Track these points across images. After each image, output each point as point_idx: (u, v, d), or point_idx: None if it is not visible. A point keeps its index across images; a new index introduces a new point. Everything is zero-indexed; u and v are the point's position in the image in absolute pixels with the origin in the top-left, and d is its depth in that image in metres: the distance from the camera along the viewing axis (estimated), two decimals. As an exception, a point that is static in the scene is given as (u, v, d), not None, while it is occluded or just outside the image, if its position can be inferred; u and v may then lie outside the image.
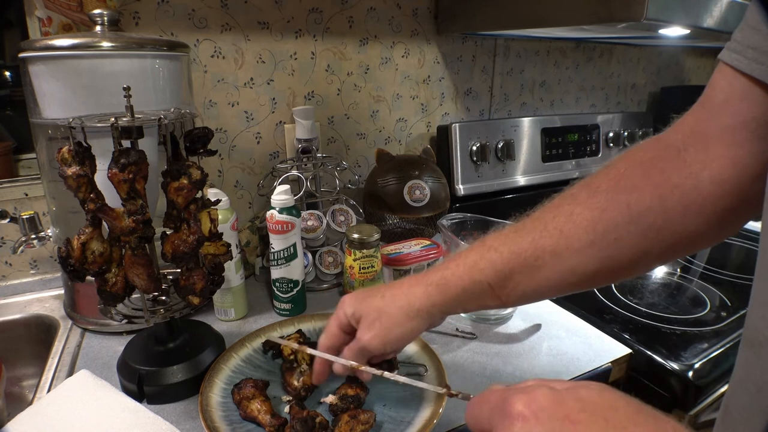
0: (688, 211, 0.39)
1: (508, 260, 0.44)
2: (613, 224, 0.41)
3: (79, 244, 0.50)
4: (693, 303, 0.85)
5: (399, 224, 1.08)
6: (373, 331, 0.48)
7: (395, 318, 0.48)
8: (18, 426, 0.50)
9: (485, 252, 0.45)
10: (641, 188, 0.41)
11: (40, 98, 0.61)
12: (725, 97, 0.38)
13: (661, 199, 0.40)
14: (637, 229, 0.40)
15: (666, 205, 0.40)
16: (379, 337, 0.48)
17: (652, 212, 0.40)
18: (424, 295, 0.48)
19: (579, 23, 0.82)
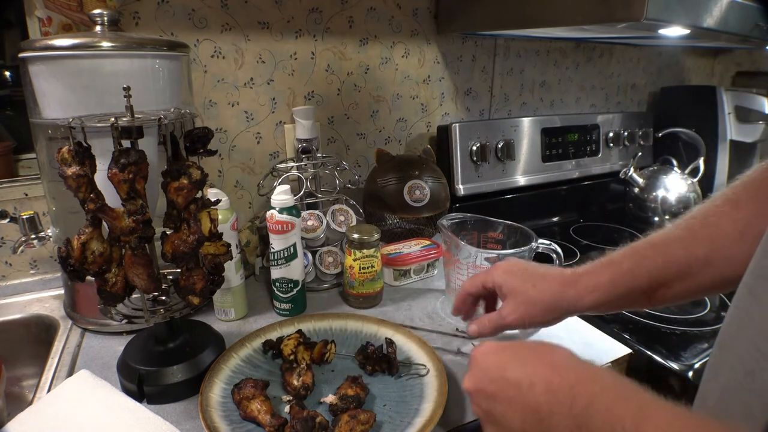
0: None
1: (662, 269, 0.47)
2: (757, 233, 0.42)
3: (79, 244, 0.50)
4: (693, 303, 0.85)
5: (399, 224, 1.08)
6: (517, 314, 0.53)
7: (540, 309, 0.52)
8: (18, 426, 0.50)
9: (640, 260, 0.48)
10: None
11: (40, 98, 0.61)
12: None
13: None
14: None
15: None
16: (520, 320, 0.53)
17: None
18: (574, 299, 0.50)
19: (579, 23, 0.82)
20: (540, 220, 1.29)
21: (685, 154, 1.42)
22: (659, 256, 0.47)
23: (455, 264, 0.75)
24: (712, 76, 1.83)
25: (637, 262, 0.48)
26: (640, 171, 1.27)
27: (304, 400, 0.56)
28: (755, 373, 0.34)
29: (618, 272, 0.49)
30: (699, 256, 0.45)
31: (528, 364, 0.37)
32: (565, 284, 0.51)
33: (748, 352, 0.34)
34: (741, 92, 1.47)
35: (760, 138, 1.46)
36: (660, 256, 0.47)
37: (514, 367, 0.37)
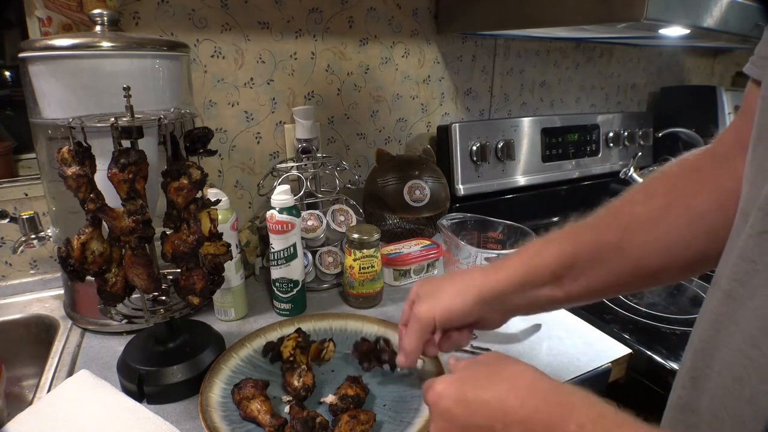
0: None
1: (571, 252, 0.46)
2: (675, 224, 0.43)
3: (79, 244, 0.50)
4: (693, 303, 0.85)
5: (399, 224, 1.08)
6: (425, 305, 0.51)
7: (447, 293, 0.50)
8: (18, 426, 0.50)
9: (547, 244, 0.48)
10: (697, 192, 0.42)
11: (40, 98, 0.61)
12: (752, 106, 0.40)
13: (719, 202, 0.41)
14: (701, 230, 0.42)
15: (725, 208, 0.41)
16: (430, 308, 0.50)
17: (711, 214, 0.42)
18: (480, 276, 0.50)
19: (579, 23, 0.82)
20: (540, 220, 1.29)
21: (685, 154, 1.42)
22: (568, 239, 0.47)
23: (455, 264, 0.75)
24: (712, 76, 1.83)
25: (543, 245, 0.48)
26: (640, 171, 1.27)
27: (305, 401, 0.56)
28: (743, 379, 0.33)
29: (526, 254, 0.49)
30: (610, 241, 0.45)
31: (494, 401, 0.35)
32: (475, 271, 0.51)
33: (735, 359, 0.34)
34: (741, 92, 1.46)
35: (760, 138, 1.46)
36: (569, 239, 0.47)
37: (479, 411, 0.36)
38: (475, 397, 0.36)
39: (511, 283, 0.48)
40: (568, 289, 0.47)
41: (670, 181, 0.45)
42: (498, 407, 0.35)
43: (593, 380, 0.65)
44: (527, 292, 0.48)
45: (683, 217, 0.43)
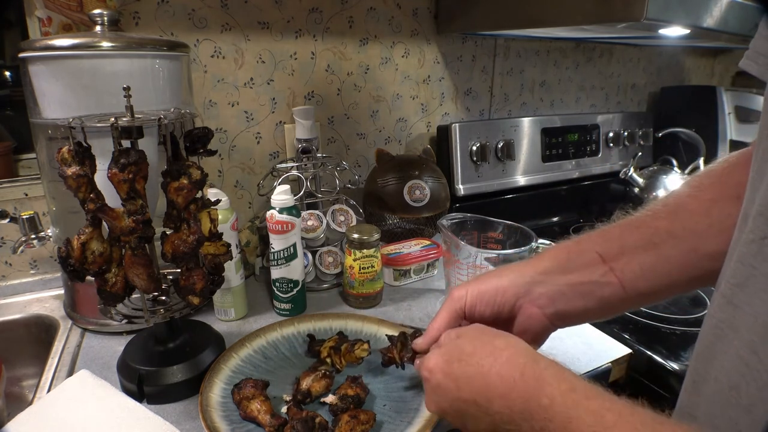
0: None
1: (619, 236, 0.44)
2: (726, 211, 0.41)
3: (79, 244, 0.50)
4: (693, 303, 0.85)
5: (399, 224, 1.08)
6: (461, 287, 0.48)
7: (488, 275, 0.48)
8: (18, 426, 0.50)
9: (591, 232, 0.46)
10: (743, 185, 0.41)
11: (40, 98, 0.61)
12: None
13: None
14: None
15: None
16: (463, 288, 0.47)
17: None
18: (526, 264, 0.47)
19: (579, 23, 0.82)
20: (540, 220, 1.29)
21: (685, 154, 1.42)
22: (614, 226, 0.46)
23: (455, 264, 0.75)
24: (712, 76, 1.83)
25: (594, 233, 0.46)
26: (640, 171, 1.27)
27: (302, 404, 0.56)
28: (740, 387, 0.32)
29: (571, 240, 0.47)
30: (660, 227, 0.43)
31: (477, 376, 0.37)
32: (519, 263, 0.48)
33: (733, 365, 0.33)
34: (741, 92, 1.47)
35: (760, 138, 1.46)
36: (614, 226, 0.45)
37: (465, 386, 0.38)
38: (461, 373, 0.38)
39: (553, 264, 0.45)
40: (621, 275, 0.43)
41: (717, 177, 0.44)
42: (482, 383, 0.37)
43: (593, 380, 0.64)
44: (573, 275, 0.44)
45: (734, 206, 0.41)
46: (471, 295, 0.46)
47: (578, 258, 0.44)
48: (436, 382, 0.40)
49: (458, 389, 0.38)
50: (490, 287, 0.46)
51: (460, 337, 0.41)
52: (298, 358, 0.64)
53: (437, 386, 0.40)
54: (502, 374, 0.36)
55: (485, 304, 0.46)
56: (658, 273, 0.43)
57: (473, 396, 0.37)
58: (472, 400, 0.37)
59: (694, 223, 0.43)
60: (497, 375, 0.36)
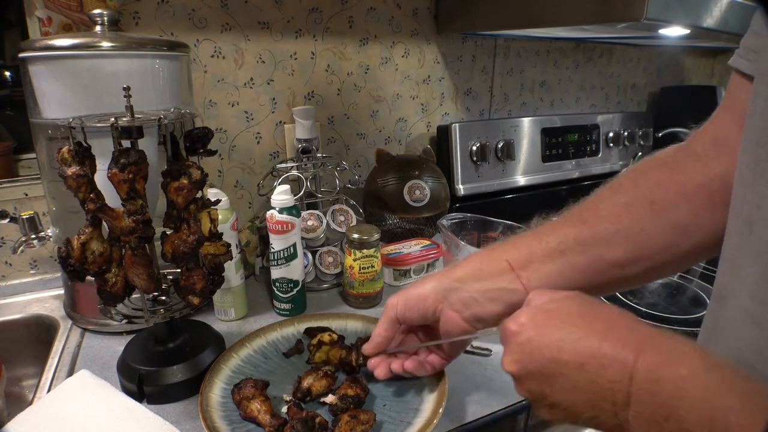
0: (717, 209, 0.39)
1: (527, 244, 0.45)
2: (637, 217, 0.42)
3: (79, 244, 0.50)
4: (693, 303, 0.85)
5: (399, 224, 1.08)
6: (396, 295, 0.51)
7: (414, 285, 0.51)
8: (18, 426, 0.50)
9: (507, 240, 0.48)
10: (664, 186, 0.42)
11: (40, 98, 0.61)
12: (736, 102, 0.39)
13: (687, 196, 0.41)
14: (664, 223, 0.42)
15: (693, 202, 0.41)
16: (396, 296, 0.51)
17: (677, 208, 0.41)
18: (444, 270, 0.50)
19: (579, 23, 0.82)
20: (540, 220, 1.29)
21: (685, 154, 1.42)
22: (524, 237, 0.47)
23: (455, 264, 0.75)
24: (712, 76, 1.83)
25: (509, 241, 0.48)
26: (640, 171, 1.27)
27: (303, 403, 0.56)
28: None
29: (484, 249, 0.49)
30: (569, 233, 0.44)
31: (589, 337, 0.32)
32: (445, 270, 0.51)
33: None
34: (741, 92, 1.47)
35: (760, 138, 1.46)
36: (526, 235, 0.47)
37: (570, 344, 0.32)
38: (567, 332, 0.33)
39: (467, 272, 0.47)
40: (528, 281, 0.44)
41: (637, 177, 0.45)
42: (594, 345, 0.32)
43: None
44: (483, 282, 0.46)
45: (647, 210, 0.42)
46: (400, 303, 0.50)
47: (489, 266, 0.46)
48: (527, 338, 0.35)
49: (559, 349, 0.33)
50: (414, 295, 0.50)
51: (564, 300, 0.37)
52: (298, 358, 0.64)
53: (527, 342, 0.35)
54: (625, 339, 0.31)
55: (412, 311, 0.50)
56: (564, 280, 0.44)
57: (580, 359, 0.32)
58: (578, 363, 0.32)
59: (603, 229, 0.43)
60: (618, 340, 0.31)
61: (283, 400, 0.56)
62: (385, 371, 0.54)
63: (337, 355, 0.61)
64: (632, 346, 0.31)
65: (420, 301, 0.49)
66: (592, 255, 0.43)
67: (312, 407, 0.55)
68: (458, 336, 0.48)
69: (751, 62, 0.37)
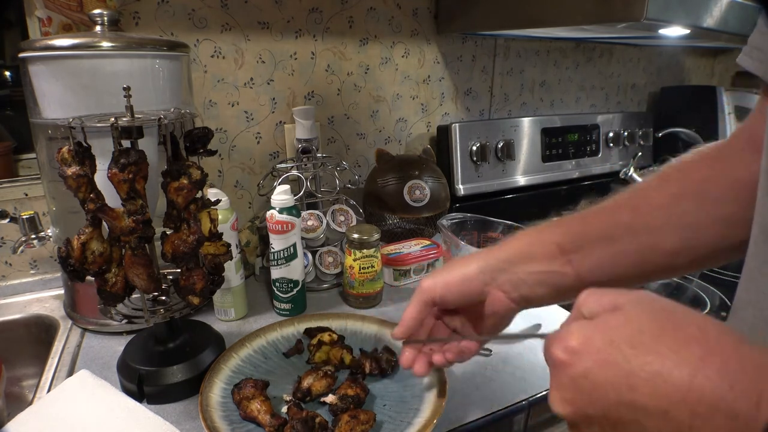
0: None
1: (578, 226, 0.44)
2: (687, 208, 0.42)
3: (79, 244, 0.50)
4: (693, 303, 0.85)
5: (399, 224, 1.08)
6: (429, 278, 0.48)
7: (452, 266, 0.48)
8: (18, 426, 0.50)
9: (556, 222, 0.46)
10: (713, 179, 0.42)
11: (40, 98, 0.61)
12: None
13: (734, 190, 0.41)
14: (715, 216, 0.41)
15: (740, 197, 0.40)
16: (431, 279, 0.48)
17: (726, 202, 0.41)
18: (487, 250, 0.47)
19: (579, 23, 0.82)
20: (540, 220, 1.29)
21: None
22: (576, 218, 0.46)
23: (455, 264, 0.75)
24: (712, 76, 1.83)
25: (552, 223, 0.47)
26: (640, 171, 1.27)
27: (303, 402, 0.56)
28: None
29: (533, 230, 0.47)
30: (621, 221, 0.44)
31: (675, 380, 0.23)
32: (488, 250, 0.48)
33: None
34: (741, 92, 1.47)
35: (760, 138, 1.46)
36: (577, 218, 0.46)
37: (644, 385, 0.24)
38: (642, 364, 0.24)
39: (515, 253, 0.45)
40: (578, 266, 0.43)
41: (685, 168, 0.45)
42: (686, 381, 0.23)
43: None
44: (533, 264, 0.45)
45: (697, 202, 0.42)
46: (439, 284, 0.47)
47: (539, 248, 0.45)
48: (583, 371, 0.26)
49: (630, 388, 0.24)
50: (458, 276, 0.47)
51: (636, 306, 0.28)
52: (298, 357, 0.64)
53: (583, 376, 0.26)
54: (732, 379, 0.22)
55: (453, 292, 0.47)
56: (614, 266, 0.43)
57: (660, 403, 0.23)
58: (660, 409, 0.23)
59: (654, 218, 0.43)
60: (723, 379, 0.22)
61: (283, 400, 0.56)
62: (425, 367, 0.49)
63: (338, 354, 0.61)
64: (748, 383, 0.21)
65: (464, 281, 0.46)
66: (644, 243, 0.43)
67: (312, 407, 0.55)
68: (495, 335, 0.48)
69: (753, 60, 0.38)
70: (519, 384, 0.61)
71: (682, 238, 0.42)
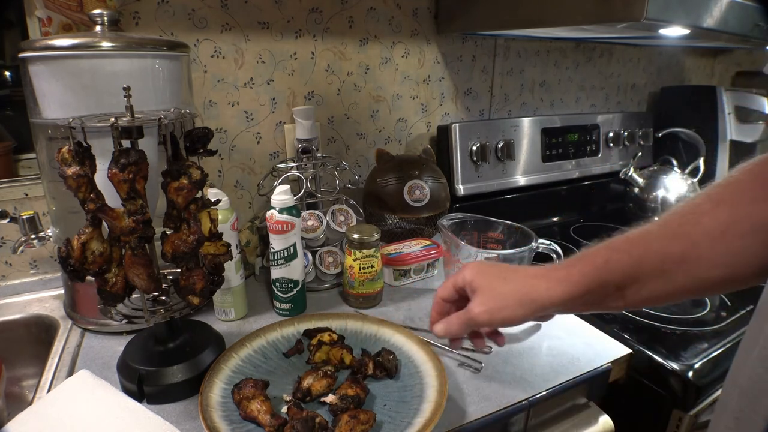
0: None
1: (637, 263, 0.45)
2: (739, 234, 0.41)
3: (79, 244, 0.50)
4: (693, 303, 0.85)
5: (399, 224, 1.08)
6: (484, 307, 0.50)
7: (509, 301, 0.49)
8: (18, 426, 0.50)
9: (613, 254, 0.46)
10: (763, 200, 0.41)
11: (40, 98, 0.61)
12: None
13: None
14: (762, 242, 0.41)
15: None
16: (488, 314, 0.49)
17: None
18: (545, 290, 0.48)
19: (579, 23, 0.82)
20: (540, 220, 1.29)
21: (685, 154, 1.42)
22: (634, 250, 0.46)
23: (455, 264, 0.75)
24: (712, 76, 1.83)
25: (610, 256, 0.46)
26: (640, 171, 1.27)
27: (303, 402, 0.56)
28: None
29: (591, 265, 0.47)
30: (675, 252, 0.43)
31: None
32: (537, 276, 0.49)
33: None
34: (741, 92, 1.47)
35: (760, 138, 1.46)
36: (635, 250, 0.46)
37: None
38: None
39: (574, 296, 0.47)
40: (630, 300, 0.46)
41: (737, 189, 0.43)
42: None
43: (593, 380, 0.65)
44: (588, 305, 0.48)
45: (748, 227, 0.41)
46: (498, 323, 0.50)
47: (599, 290, 0.46)
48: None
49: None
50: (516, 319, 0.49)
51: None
52: (298, 357, 0.64)
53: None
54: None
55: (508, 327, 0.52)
56: (663, 297, 0.45)
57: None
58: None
59: (708, 249, 0.42)
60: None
61: (283, 400, 0.56)
62: None
63: (338, 354, 0.62)
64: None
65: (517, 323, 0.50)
66: (695, 274, 0.43)
67: (312, 407, 0.55)
68: None
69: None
70: (519, 384, 0.61)
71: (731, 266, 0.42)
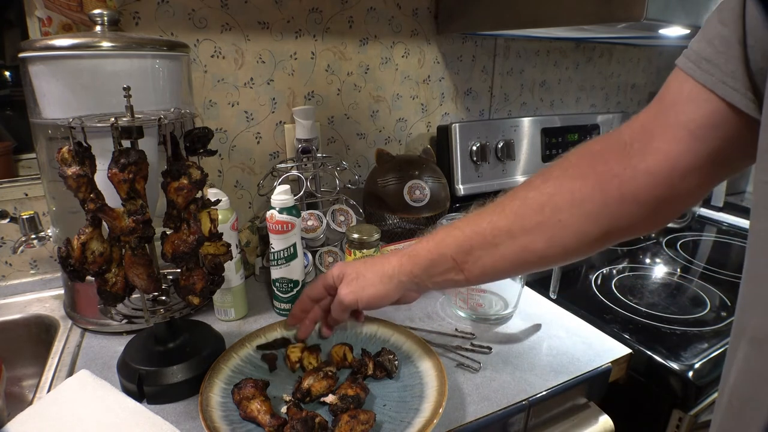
0: (625, 200, 0.43)
1: (469, 237, 0.51)
2: (558, 207, 0.46)
3: (79, 244, 0.50)
4: (693, 303, 0.85)
5: (399, 224, 1.08)
6: (350, 287, 0.57)
7: (370, 279, 0.56)
8: (18, 426, 0.50)
9: (451, 230, 0.53)
10: (586, 176, 0.45)
11: (40, 98, 0.61)
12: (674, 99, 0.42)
13: (602, 187, 0.44)
14: (579, 213, 0.45)
15: (606, 193, 0.44)
16: (354, 293, 0.57)
17: (592, 199, 0.45)
18: (397, 264, 0.55)
19: (579, 23, 0.82)
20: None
21: (685, 154, 1.42)
22: (467, 226, 0.51)
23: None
24: (712, 76, 1.83)
25: (448, 232, 0.53)
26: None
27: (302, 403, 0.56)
28: None
29: (433, 241, 0.54)
30: (502, 227, 0.48)
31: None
32: (391, 255, 0.57)
33: None
34: (741, 92, 1.47)
35: (760, 138, 1.46)
36: (468, 226, 0.51)
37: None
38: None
39: (421, 267, 0.54)
40: (468, 274, 0.51)
41: (564, 166, 0.48)
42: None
43: (593, 380, 0.65)
44: (434, 278, 0.54)
45: (565, 201, 0.45)
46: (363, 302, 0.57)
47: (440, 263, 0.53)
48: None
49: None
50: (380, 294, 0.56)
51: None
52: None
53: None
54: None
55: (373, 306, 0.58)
56: (497, 270, 0.51)
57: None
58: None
59: (529, 222, 0.47)
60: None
61: (283, 400, 0.56)
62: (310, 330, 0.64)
63: (340, 352, 0.62)
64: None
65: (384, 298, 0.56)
66: (519, 247, 0.48)
67: (312, 407, 0.55)
68: None
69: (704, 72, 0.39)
70: (519, 384, 0.61)
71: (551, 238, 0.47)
